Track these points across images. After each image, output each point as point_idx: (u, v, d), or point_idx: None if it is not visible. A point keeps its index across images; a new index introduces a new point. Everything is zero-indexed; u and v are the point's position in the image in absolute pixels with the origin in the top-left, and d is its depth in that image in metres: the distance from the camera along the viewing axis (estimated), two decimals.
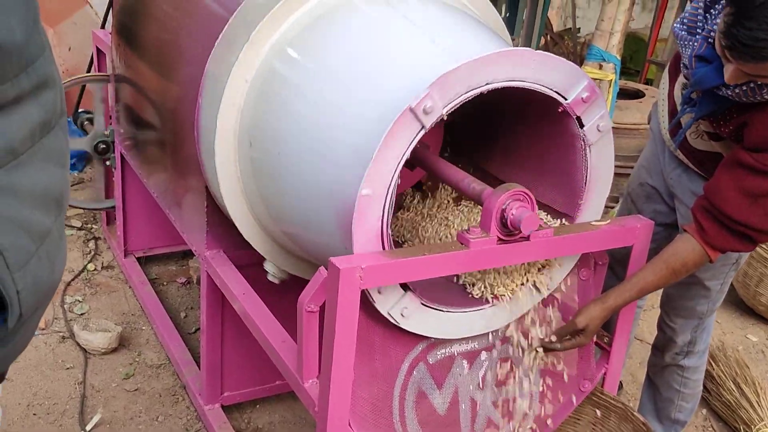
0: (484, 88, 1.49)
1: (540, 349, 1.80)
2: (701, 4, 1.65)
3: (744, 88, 1.58)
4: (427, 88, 1.42)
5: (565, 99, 1.61)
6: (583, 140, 1.67)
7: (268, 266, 2.04)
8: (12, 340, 0.81)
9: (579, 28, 6.74)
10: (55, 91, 0.80)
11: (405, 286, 1.58)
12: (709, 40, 1.60)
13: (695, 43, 1.66)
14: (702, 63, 1.63)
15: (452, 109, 1.47)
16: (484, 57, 1.47)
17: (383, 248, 1.50)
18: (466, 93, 1.48)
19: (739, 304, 3.48)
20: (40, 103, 0.77)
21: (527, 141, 1.90)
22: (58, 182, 0.83)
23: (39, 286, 0.79)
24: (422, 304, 1.62)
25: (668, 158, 2.05)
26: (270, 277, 2.05)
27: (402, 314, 1.60)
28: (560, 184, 1.78)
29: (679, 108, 1.85)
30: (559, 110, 1.63)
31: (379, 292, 1.54)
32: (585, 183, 1.71)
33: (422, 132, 1.46)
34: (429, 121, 1.45)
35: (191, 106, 1.96)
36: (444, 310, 1.66)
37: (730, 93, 1.63)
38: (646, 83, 5.56)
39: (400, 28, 1.68)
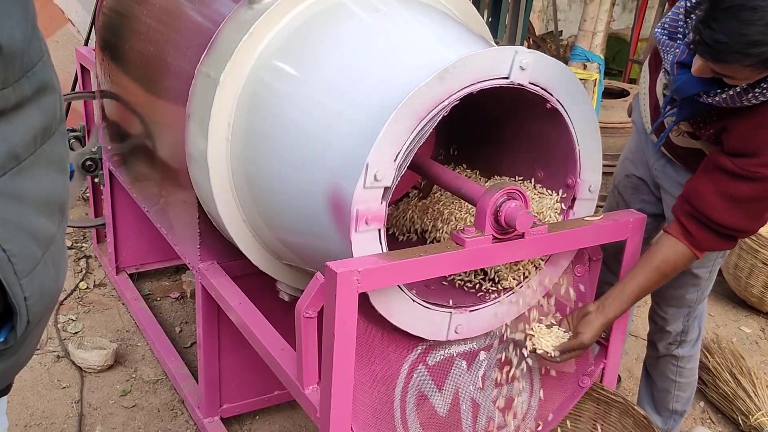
0: (427, 126, 1.48)
1: (539, 349, 1.81)
2: (682, 10, 1.66)
3: (724, 96, 1.60)
4: (366, 160, 1.42)
5: (507, 77, 1.58)
6: (547, 98, 1.67)
7: (280, 285, 2.04)
8: (19, 349, 0.81)
9: (561, 31, 6.80)
10: (55, 97, 0.80)
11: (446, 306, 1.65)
12: (691, 46, 1.61)
13: (677, 50, 1.66)
14: (684, 70, 1.64)
15: (405, 159, 1.47)
16: (408, 101, 1.45)
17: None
18: (413, 137, 1.46)
19: (731, 296, 3.51)
20: (41, 108, 0.77)
21: (513, 126, 1.91)
22: (61, 188, 0.83)
23: (45, 293, 0.79)
24: (469, 311, 1.69)
25: (652, 150, 2.07)
26: (282, 295, 2.05)
27: (456, 332, 1.69)
28: (552, 148, 1.79)
29: (661, 106, 1.87)
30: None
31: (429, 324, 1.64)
32: (573, 134, 1.71)
33: (389, 191, 1.46)
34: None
35: (180, 119, 1.96)
36: (477, 308, 1.70)
37: (710, 100, 1.64)
38: (630, 83, 5.61)
39: (389, 31, 1.69)
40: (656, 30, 1.73)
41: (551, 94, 1.62)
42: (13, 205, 0.74)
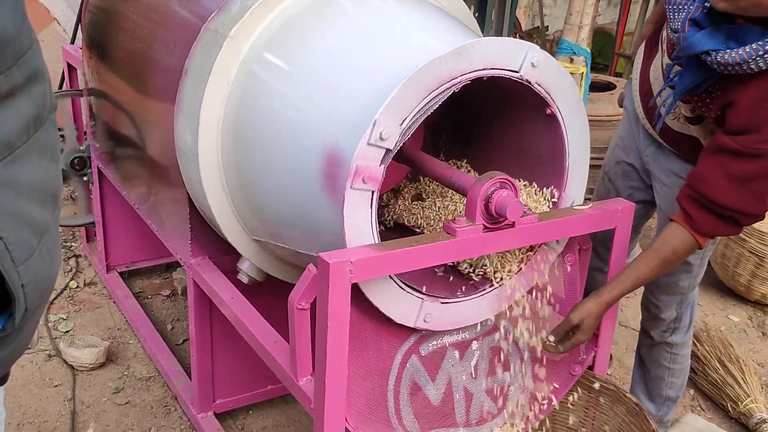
0: (434, 100, 1.49)
1: (532, 337, 1.82)
2: None
3: (733, 55, 1.56)
4: (375, 117, 1.42)
5: (517, 71, 1.61)
6: (549, 102, 1.68)
7: (241, 264, 2.03)
8: (16, 338, 0.81)
9: (547, 26, 6.81)
10: (45, 85, 0.80)
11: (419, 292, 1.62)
12: (705, 4, 1.60)
13: (690, 6, 1.64)
14: (695, 28, 1.62)
15: (410, 126, 1.47)
16: (424, 68, 1.45)
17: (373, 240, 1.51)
18: (421, 106, 1.47)
19: (719, 285, 3.54)
20: (32, 96, 0.77)
21: (503, 127, 1.92)
22: (53, 177, 0.83)
23: (41, 281, 0.80)
24: (441, 302, 1.66)
25: (643, 136, 2.09)
26: (241, 275, 2.03)
27: (425, 320, 1.66)
28: (541, 155, 1.80)
29: (665, 73, 1.84)
30: (514, 79, 1.63)
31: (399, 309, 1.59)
32: (565, 145, 1.73)
33: (390, 154, 1.47)
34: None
35: (169, 116, 1.96)
36: (457, 300, 1.69)
37: (718, 59, 1.59)
38: (616, 76, 5.64)
39: (375, 25, 1.70)
40: None
41: (553, 100, 1.64)
42: (7, 193, 0.74)
